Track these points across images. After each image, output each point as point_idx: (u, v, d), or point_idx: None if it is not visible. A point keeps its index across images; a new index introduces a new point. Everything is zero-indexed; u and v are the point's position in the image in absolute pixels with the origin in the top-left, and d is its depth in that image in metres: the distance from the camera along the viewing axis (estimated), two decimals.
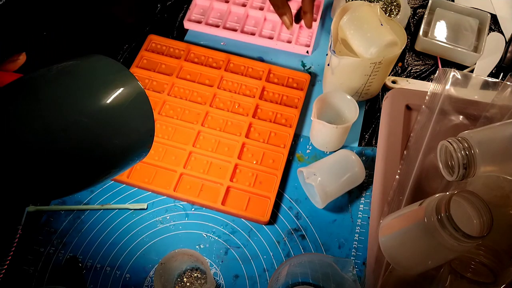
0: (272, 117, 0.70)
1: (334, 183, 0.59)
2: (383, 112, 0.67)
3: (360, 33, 0.60)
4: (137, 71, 0.73)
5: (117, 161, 0.38)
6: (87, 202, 0.63)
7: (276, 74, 0.74)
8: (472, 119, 0.62)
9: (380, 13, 0.62)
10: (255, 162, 0.65)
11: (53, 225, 0.61)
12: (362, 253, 0.59)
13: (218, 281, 0.58)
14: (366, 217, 0.62)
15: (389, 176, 0.60)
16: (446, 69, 0.63)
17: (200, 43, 0.79)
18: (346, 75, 0.64)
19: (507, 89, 0.60)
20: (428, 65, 0.76)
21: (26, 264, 0.58)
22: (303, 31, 0.80)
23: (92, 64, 0.39)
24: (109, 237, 0.60)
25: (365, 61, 0.60)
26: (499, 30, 0.80)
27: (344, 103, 0.65)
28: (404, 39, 0.61)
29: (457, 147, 0.49)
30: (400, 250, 0.49)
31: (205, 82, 0.73)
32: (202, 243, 0.60)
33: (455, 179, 0.51)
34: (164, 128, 0.68)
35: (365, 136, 0.69)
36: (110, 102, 0.36)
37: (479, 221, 0.44)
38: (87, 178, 0.38)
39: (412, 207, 0.48)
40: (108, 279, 0.58)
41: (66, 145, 0.34)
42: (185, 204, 0.63)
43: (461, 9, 0.77)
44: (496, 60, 0.76)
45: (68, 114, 0.34)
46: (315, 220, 0.62)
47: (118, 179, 0.64)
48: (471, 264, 0.46)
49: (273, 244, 0.60)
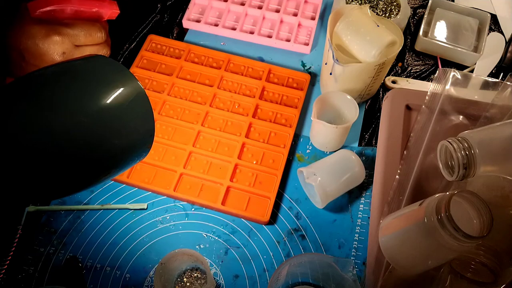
0: (272, 117, 0.70)
1: (334, 183, 0.59)
2: (383, 112, 0.67)
3: (358, 37, 0.60)
4: (137, 71, 0.73)
5: (117, 161, 0.39)
6: (87, 202, 0.63)
7: (276, 74, 0.74)
8: (472, 119, 0.62)
9: (371, 14, 0.62)
10: (255, 162, 0.65)
11: (53, 225, 0.61)
12: (362, 253, 0.59)
13: (218, 281, 0.58)
14: (366, 217, 0.62)
15: (389, 176, 0.60)
16: (446, 69, 0.63)
17: (200, 43, 0.79)
18: (350, 81, 0.64)
19: (507, 89, 0.60)
20: (428, 65, 0.77)
21: (26, 264, 0.58)
22: (302, 30, 0.80)
23: (92, 64, 0.39)
24: (109, 237, 0.60)
25: (369, 65, 0.60)
26: (499, 30, 0.80)
27: (344, 103, 0.65)
28: (401, 36, 0.61)
29: (457, 147, 0.49)
30: (400, 250, 0.49)
31: (205, 82, 0.73)
32: (202, 243, 0.60)
33: (455, 179, 0.51)
34: (164, 128, 0.68)
35: (365, 136, 0.69)
36: (110, 102, 0.36)
37: (479, 221, 0.44)
38: (87, 178, 0.38)
39: (412, 207, 0.48)
40: (108, 279, 0.58)
41: (66, 145, 0.34)
42: (185, 204, 0.63)
43: (461, 9, 0.77)
44: (496, 60, 0.76)
45: (68, 114, 0.34)
46: (315, 220, 0.62)
47: (118, 179, 0.64)
48: (471, 264, 0.46)
49: (273, 244, 0.60)
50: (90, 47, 0.46)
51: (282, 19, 0.80)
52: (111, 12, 0.47)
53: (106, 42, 0.48)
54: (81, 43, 0.45)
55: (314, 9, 0.82)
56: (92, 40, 0.45)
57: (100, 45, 0.47)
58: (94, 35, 0.45)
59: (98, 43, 0.46)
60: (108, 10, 0.46)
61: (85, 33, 0.45)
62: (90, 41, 0.45)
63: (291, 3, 0.82)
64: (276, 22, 0.80)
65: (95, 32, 0.45)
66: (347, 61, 0.61)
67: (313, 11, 0.82)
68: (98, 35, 0.46)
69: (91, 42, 0.45)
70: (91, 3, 0.45)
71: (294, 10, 0.81)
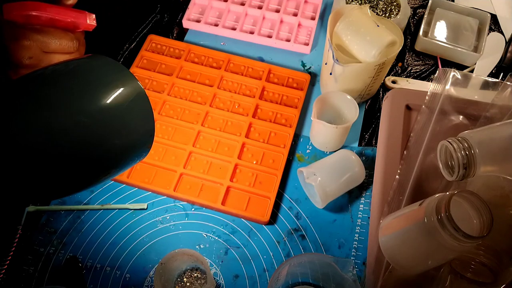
0: (272, 117, 0.70)
1: (334, 183, 0.59)
2: (383, 112, 0.67)
3: (358, 37, 0.60)
4: (137, 71, 0.73)
5: (117, 161, 0.38)
6: (87, 202, 0.63)
7: (276, 74, 0.74)
8: (472, 119, 0.62)
9: (371, 14, 0.62)
10: (255, 162, 0.65)
11: (53, 225, 0.61)
12: (362, 253, 0.59)
13: (218, 281, 0.58)
14: (366, 217, 0.62)
15: (389, 176, 0.60)
16: (446, 69, 0.63)
17: (200, 43, 0.79)
18: (350, 81, 0.64)
19: (507, 89, 0.60)
20: (428, 65, 0.76)
21: (26, 264, 0.58)
22: (302, 30, 0.80)
23: (92, 64, 0.39)
24: (109, 237, 0.60)
25: (369, 65, 0.60)
26: (499, 30, 0.80)
27: (344, 103, 0.65)
28: (401, 36, 0.61)
29: (457, 147, 0.49)
30: (400, 250, 0.49)
31: (205, 82, 0.73)
32: (202, 243, 0.60)
33: (455, 179, 0.51)
34: (164, 128, 0.68)
35: (365, 136, 0.69)
36: (110, 102, 0.36)
37: (479, 221, 0.44)
38: (87, 178, 0.38)
39: (412, 207, 0.48)
40: (108, 279, 0.58)
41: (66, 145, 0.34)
42: (185, 204, 0.63)
43: (461, 9, 0.77)
44: (496, 60, 0.76)
45: (68, 114, 0.34)
46: (315, 220, 0.62)
47: (118, 179, 0.64)
48: (471, 264, 0.46)
49: (273, 244, 0.60)
50: (60, 54, 0.46)
51: (282, 19, 0.80)
52: (87, 25, 0.47)
53: (78, 52, 0.48)
54: (51, 50, 0.45)
55: (314, 9, 0.82)
56: (62, 49, 0.45)
57: (71, 54, 0.47)
58: (65, 44, 0.45)
59: (68, 52, 0.46)
60: (84, 22, 0.46)
61: (56, 41, 0.45)
62: (60, 49, 0.45)
63: (291, 3, 0.82)
64: (276, 22, 0.80)
65: (66, 41, 0.45)
66: (347, 61, 0.61)
67: (313, 11, 0.82)
68: (69, 44, 0.46)
69: (61, 50, 0.45)
70: (68, 13, 0.45)
71: (294, 10, 0.81)
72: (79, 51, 0.48)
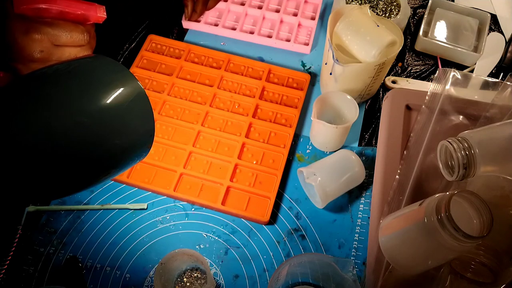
0: (272, 117, 0.70)
1: (334, 183, 0.59)
2: (383, 112, 0.67)
3: (358, 37, 0.60)
4: (137, 71, 0.73)
5: (117, 161, 0.39)
6: (87, 202, 0.63)
7: (276, 74, 0.74)
8: (472, 119, 0.62)
9: (371, 14, 0.62)
10: (255, 162, 0.65)
11: (53, 225, 0.61)
12: (362, 253, 0.59)
13: (218, 281, 0.58)
14: (366, 217, 0.62)
15: (389, 176, 0.60)
16: (446, 69, 0.63)
17: (200, 43, 0.79)
18: (350, 81, 0.64)
19: (507, 89, 0.60)
20: (428, 65, 0.77)
21: (26, 264, 0.58)
22: (302, 30, 0.80)
23: (92, 64, 0.39)
24: (109, 237, 0.60)
25: (369, 65, 0.60)
26: (499, 30, 0.80)
27: (344, 103, 0.65)
28: (401, 36, 0.61)
29: (457, 147, 0.49)
30: (400, 250, 0.49)
31: (205, 82, 0.73)
32: (202, 243, 0.60)
33: (455, 179, 0.51)
34: (164, 128, 0.68)
35: (365, 136, 0.69)
36: (110, 102, 0.36)
37: (479, 221, 0.44)
38: (87, 178, 0.38)
39: (412, 207, 0.48)
40: (108, 279, 0.58)
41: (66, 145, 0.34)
42: (185, 204, 0.63)
43: (461, 9, 0.77)
44: (496, 60, 0.76)
45: (68, 114, 0.34)
46: (315, 220, 0.62)
47: (118, 179, 0.64)
48: (471, 264, 0.46)
49: (273, 244, 0.60)
50: (71, 48, 0.46)
51: (282, 19, 0.80)
52: (97, 17, 0.47)
53: (89, 45, 0.48)
54: (61, 43, 0.45)
55: (314, 9, 0.82)
56: (73, 42, 0.45)
57: (82, 47, 0.47)
58: (76, 37, 0.45)
59: (79, 45, 0.46)
60: (95, 14, 0.46)
61: (67, 34, 0.45)
62: (70, 42, 0.45)
63: (291, 3, 0.82)
64: (276, 22, 0.80)
65: (77, 34, 0.45)
66: (347, 61, 0.61)
67: (313, 11, 0.82)
68: (79, 37, 0.46)
69: (71, 43, 0.45)
70: (78, 5, 0.45)
71: (294, 10, 0.81)
72: (90, 44, 0.48)
